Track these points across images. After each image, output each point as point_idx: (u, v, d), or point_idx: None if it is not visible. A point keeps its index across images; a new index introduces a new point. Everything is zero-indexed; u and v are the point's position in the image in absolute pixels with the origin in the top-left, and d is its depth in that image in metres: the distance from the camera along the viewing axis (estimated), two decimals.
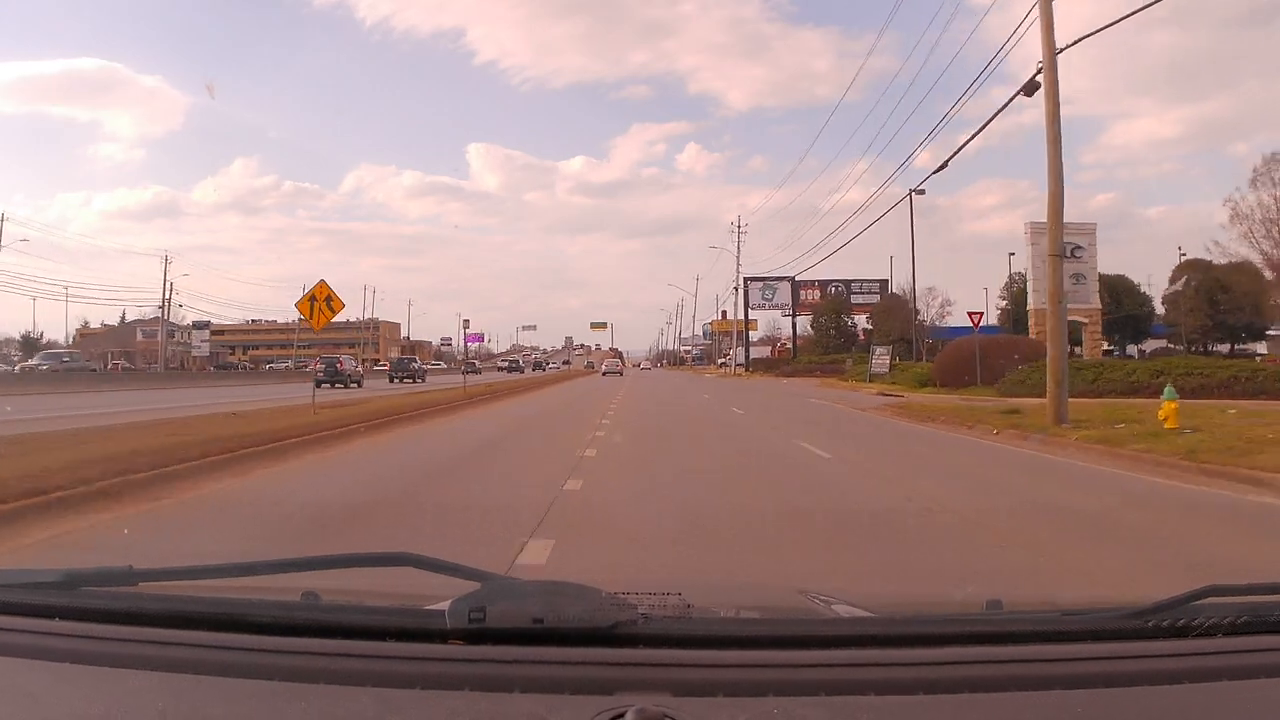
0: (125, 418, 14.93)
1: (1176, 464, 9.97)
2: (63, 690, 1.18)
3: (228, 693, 1.15)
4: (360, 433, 14.65)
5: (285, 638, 1.27)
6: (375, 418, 16.70)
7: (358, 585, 1.78)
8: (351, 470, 10.54)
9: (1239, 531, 6.90)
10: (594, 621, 1.22)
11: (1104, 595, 3.54)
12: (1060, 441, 12.86)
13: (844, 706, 1.11)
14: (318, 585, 1.52)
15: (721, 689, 1.13)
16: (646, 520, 6.98)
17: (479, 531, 6.42)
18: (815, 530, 6.74)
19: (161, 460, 8.98)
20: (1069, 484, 9.50)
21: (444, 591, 1.33)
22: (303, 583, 1.54)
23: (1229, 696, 1.16)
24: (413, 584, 1.73)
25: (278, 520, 7.05)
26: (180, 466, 8.97)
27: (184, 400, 22.98)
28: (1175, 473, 9.70)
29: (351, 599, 1.59)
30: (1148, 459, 10.56)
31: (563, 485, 8.56)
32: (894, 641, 1.31)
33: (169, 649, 1.24)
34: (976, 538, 6.40)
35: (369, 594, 1.66)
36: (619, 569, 5.27)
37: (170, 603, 1.41)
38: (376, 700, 1.11)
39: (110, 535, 6.36)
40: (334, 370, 43.10)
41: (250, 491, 8.65)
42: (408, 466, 11.03)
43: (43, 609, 1.35)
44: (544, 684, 1.14)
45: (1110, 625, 1.32)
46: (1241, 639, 1.28)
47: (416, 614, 1.35)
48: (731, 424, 19.39)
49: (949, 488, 9.11)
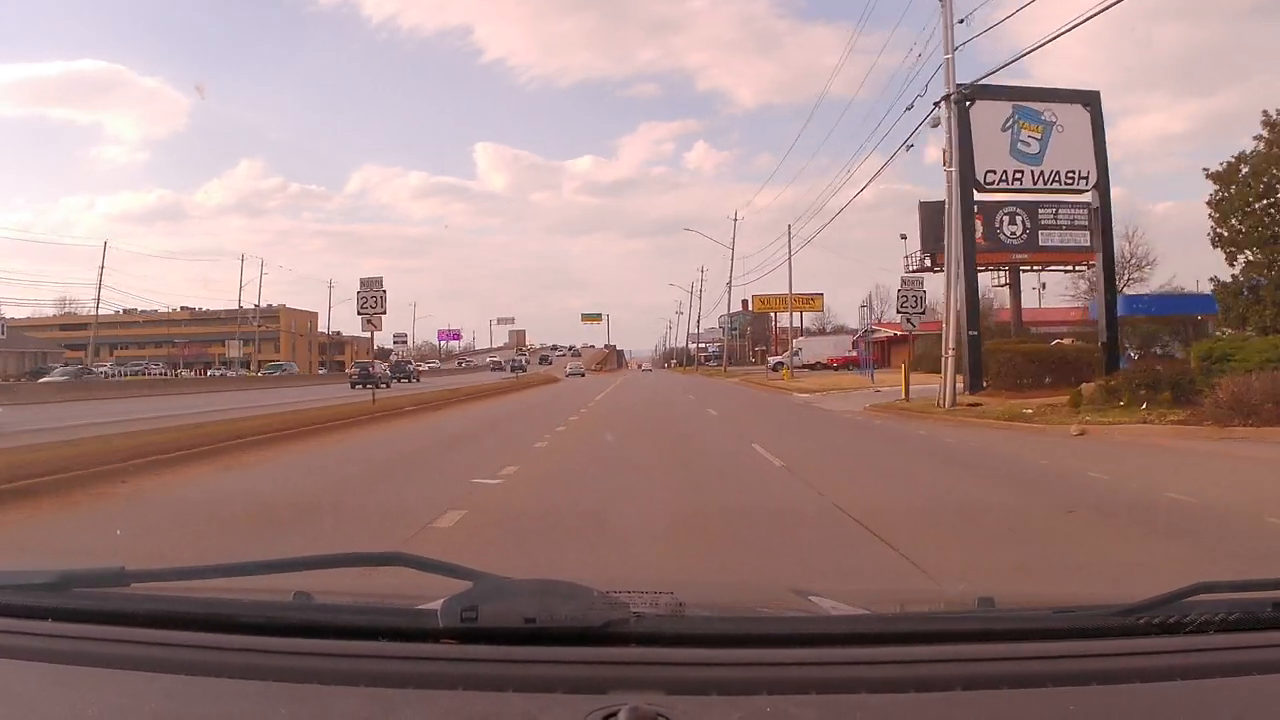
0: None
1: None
2: (55, 692, 1.17)
3: (220, 693, 1.14)
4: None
5: (278, 638, 1.26)
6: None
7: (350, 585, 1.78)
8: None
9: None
10: (586, 620, 1.22)
11: (1096, 592, 3.55)
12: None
13: (836, 705, 1.11)
14: (310, 585, 1.52)
15: (714, 687, 1.13)
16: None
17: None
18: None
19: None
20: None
21: (436, 591, 1.32)
22: (295, 583, 1.54)
23: (1221, 693, 1.17)
24: (405, 583, 1.73)
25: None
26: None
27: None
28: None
29: (344, 599, 1.59)
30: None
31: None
32: (886, 639, 1.31)
33: (161, 650, 1.24)
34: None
35: (361, 594, 1.66)
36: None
37: (162, 603, 1.40)
38: (369, 700, 1.11)
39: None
40: (366, 373, 44.97)
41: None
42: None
43: (34, 610, 1.34)
44: (537, 683, 1.14)
45: (1102, 622, 1.32)
46: (1233, 635, 1.29)
47: (409, 613, 1.35)
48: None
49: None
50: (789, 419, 21.16)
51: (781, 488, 9.21)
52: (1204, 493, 8.13)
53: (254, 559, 1.51)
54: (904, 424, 18.21)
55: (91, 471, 9.01)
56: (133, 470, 9.47)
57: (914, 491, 9.00)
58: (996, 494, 8.71)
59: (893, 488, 9.34)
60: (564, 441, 14.34)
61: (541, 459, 11.82)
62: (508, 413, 23.46)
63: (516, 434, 15.94)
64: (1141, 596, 1.34)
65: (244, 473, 10.50)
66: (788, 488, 9.17)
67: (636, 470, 10.72)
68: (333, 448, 13.59)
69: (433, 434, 16.67)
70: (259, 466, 11.08)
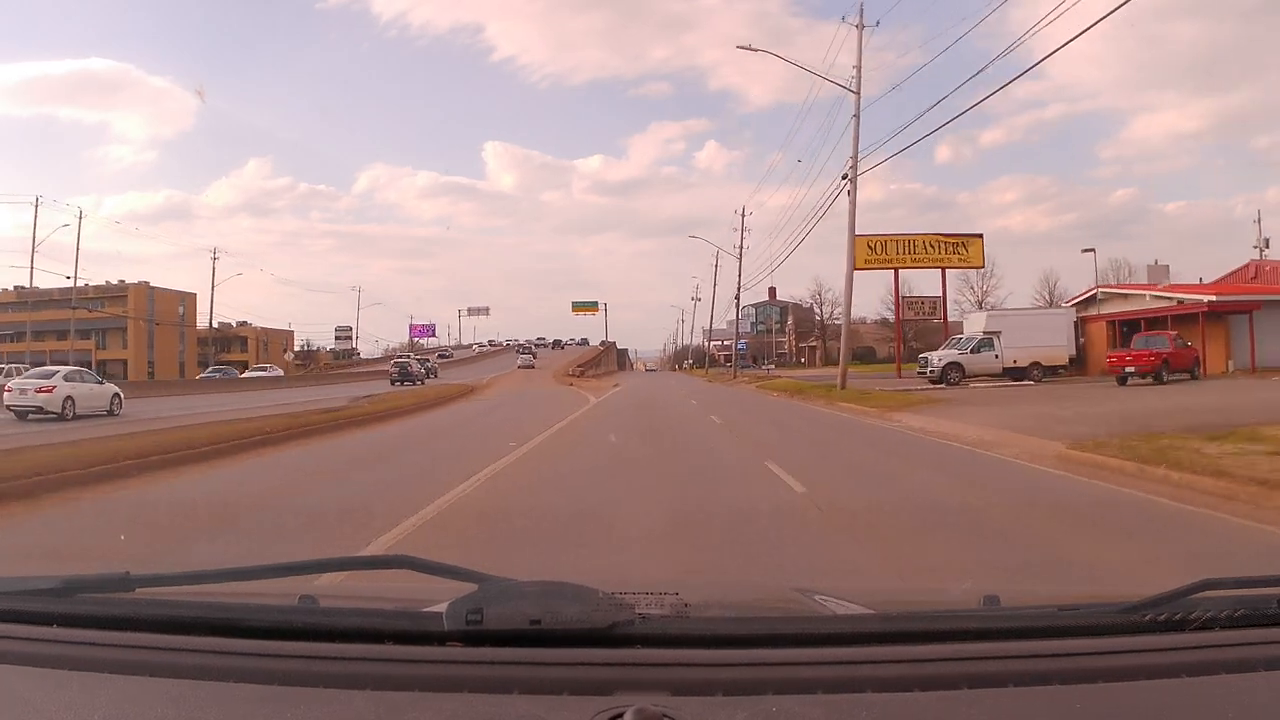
0: None
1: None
2: (61, 697, 1.18)
3: (226, 697, 1.14)
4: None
5: (283, 642, 1.26)
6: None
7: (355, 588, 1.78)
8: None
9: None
10: (591, 622, 1.22)
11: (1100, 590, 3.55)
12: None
13: (842, 704, 1.11)
14: (315, 588, 1.53)
15: (720, 688, 1.13)
16: None
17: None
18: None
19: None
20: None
21: (441, 594, 1.33)
22: (300, 586, 1.54)
23: (1226, 690, 1.17)
24: (410, 586, 1.73)
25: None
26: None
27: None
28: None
29: (349, 602, 1.59)
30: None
31: None
32: (891, 638, 1.31)
33: (167, 654, 1.24)
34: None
35: (366, 597, 1.66)
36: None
37: (167, 608, 1.40)
38: (375, 703, 1.11)
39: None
40: (405, 371, 44.77)
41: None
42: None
43: (40, 616, 1.35)
44: (542, 685, 1.14)
45: (1107, 620, 1.32)
46: (1238, 632, 1.29)
47: (414, 616, 1.35)
48: None
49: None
50: None
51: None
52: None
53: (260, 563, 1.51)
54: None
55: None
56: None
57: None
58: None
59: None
60: None
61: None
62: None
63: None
64: (1147, 594, 1.34)
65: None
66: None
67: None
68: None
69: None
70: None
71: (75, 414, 21.83)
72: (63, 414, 21.63)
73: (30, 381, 22.73)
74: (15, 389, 22.39)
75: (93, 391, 23.72)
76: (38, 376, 23.21)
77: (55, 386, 22.19)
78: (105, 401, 23.73)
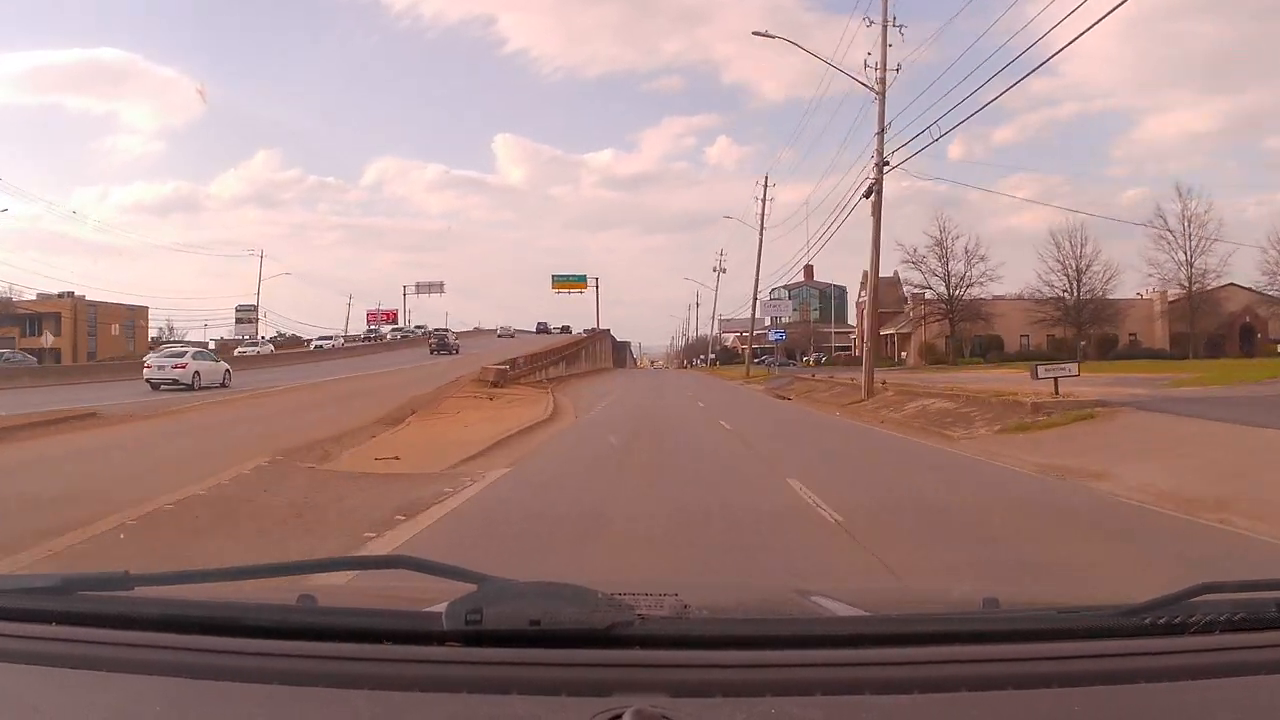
0: None
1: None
2: (59, 696, 1.18)
3: (225, 696, 1.14)
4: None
5: (282, 641, 1.26)
6: None
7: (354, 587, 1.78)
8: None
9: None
10: (590, 623, 1.22)
11: (1100, 593, 3.55)
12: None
13: (841, 706, 1.11)
14: (315, 588, 1.53)
15: (719, 689, 1.13)
16: None
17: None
18: None
19: None
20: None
21: (440, 594, 1.33)
22: (299, 585, 1.54)
23: (1227, 693, 1.16)
24: (409, 586, 1.73)
25: None
26: None
27: None
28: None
29: (349, 601, 1.59)
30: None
31: None
32: (890, 641, 1.31)
33: (166, 653, 1.24)
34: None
35: (366, 596, 1.66)
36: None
37: (166, 607, 1.40)
38: (373, 703, 1.11)
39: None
40: (444, 341, 48.18)
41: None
42: None
43: (38, 614, 1.34)
44: (541, 686, 1.14)
45: (1107, 623, 1.32)
46: (1238, 635, 1.28)
47: (413, 616, 1.35)
48: None
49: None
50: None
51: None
52: None
53: (259, 563, 1.51)
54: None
55: None
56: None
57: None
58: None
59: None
60: None
61: None
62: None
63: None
64: (1147, 597, 1.34)
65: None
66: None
67: None
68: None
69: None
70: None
71: (201, 385, 26.05)
72: (192, 385, 25.77)
73: (167, 359, 27.52)
74: (154, 364, 26.99)
75: (213, 368, 28.44)
76: (172, 355, 28.38)
77: (188, 364, 26.86)
78: (219, 376, 28.26)
